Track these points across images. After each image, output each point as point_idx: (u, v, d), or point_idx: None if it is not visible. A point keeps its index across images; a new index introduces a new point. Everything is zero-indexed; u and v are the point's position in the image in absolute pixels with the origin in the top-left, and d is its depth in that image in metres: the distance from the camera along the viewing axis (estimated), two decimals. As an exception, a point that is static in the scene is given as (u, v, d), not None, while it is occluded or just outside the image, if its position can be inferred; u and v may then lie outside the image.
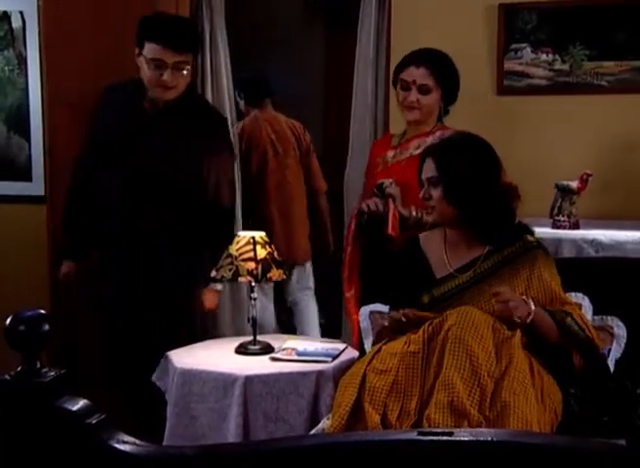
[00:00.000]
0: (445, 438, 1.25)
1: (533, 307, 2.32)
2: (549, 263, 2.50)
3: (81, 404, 1.42)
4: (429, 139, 3.15)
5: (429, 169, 2.50)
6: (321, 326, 5.81)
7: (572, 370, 2.38)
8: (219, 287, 3.33)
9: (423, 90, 3.12)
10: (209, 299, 3.34)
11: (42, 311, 1.44)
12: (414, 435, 1.28)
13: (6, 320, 2.68)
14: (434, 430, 1.22)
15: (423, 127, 3.20)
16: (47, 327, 1.42)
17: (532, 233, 2.56)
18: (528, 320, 2.30)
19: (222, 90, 4.22)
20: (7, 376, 1.41)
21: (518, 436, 1.30)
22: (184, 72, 3.00)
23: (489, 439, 1.24)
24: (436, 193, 2.47)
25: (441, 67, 3.15)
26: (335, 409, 2.24)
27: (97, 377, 3.37)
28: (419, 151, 3.13)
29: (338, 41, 5.80)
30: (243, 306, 4.26)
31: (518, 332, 2.23)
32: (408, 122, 3.24)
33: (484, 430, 1.53)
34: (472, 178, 2.45)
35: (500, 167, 2.51)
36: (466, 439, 1.25)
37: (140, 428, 1.83)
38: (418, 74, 3.12)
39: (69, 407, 1.41)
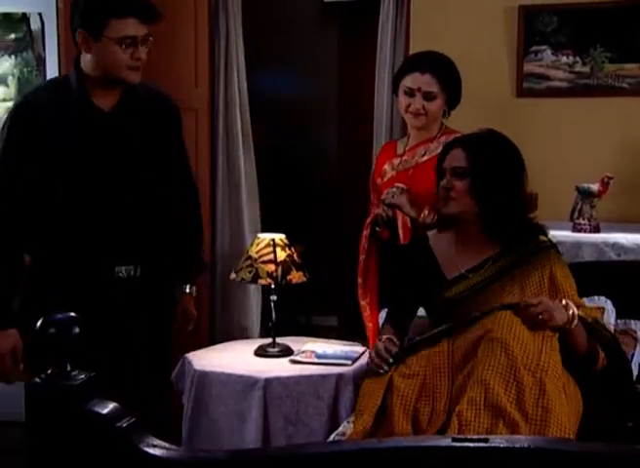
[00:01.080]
0: (480, 444, 1.23)
1: (575, 311, 2.23)
2: (562, 264, 2.44)
3: (111, 407, 1.42)
4: (434, 145, 3.12)
5: (457, 158, 2.42)
6: (336, 328, 5.84)
7: (593, 376, 2.34)
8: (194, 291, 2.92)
9: (429, 97, 3.07)
10: (191, 305, 2.90)
11: (72, 314, 1.43)
12: (448, 441, 1.27)
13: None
14: (469, 436, 1.20)
15: (428, 132, 3.16)
16: (77, 329, 1.42)
17: (545, 234, 2.50)
18: (572, 325, 2.22)
19: (234, 93, 4.24)
20: (37, 379, 1.41)
21: (554, 443, 1.29)
22: (149, 47, 2.55)
23: (525, 446, 1.22)
24: (461, 184, 2.40)
25: (446, 73, 3.10)
26: (358, 414, 2.22)
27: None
28: (425, 158, 3.11)
29: (352, 44, 5.81)
30: (247, 307, 4.29)
31: (557, 334, 2.20)
32: (413, 127, 3.19)
33: (520, 437, 1.52)
34: (500, 176, 2.40)
35: (524, 173, 2.46)
36: (502, 446, 1.23)
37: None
38: (423, 81, 3.07)
39: (99, 410, 1.40)
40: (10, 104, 4.12)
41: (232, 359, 3.20)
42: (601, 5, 3.61)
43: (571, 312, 2.22)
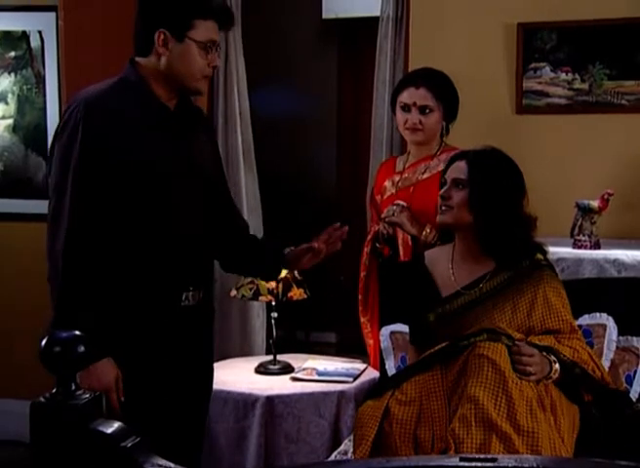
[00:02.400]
0: (488, 464, 1.22)
1: (558, 369, 2.24)
2: (556, 284, 2.43)
3: (115, 426, 1.40)
4: (434, 162, 3.13)
5: (458, 170, 2.43)
6: (334, 344, 5.83)
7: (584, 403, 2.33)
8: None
9: (425, 110, 3.08)
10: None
11: (77, 332, 1.42)
12: (456, 461, 1.26)
13: (25, 340, 2.61)
14: (477, 456, 1.19)
15: (427, 149, 3.16)
16: (82, 348, 1.41)
17: (544, 252, 2.49)
18: (549, 381, 2.23)
19: (234, 111, 4.25)
20: (42, 399, 1.39)
21: (563, 463, 1.28)
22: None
23: (533, 465, 1.21)
24: (459, 195, 2.40)
25: (440, 86, 3.12)
26: (356, 444, 2.22)
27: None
28: (426, 175, 3.12)
29: (351, 61, 5.84)
30: (246, 324, 4.29)
31: None
32: (412, 143, 3.20)
33: (529, 456, 1.51)
34: (499, 192, 2.40)
35: (524, 194, 2.46)
36: (510, 465, 1.22)
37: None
38: (418, 95, 3.09)
39: (104, 429, 1.39)
40: (10, 122, 4.15)
41: (233, 376, 3.19)
42: (600, 22, 3.61)
43: (553, 371, 2.23)
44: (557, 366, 2.23)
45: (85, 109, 2.26)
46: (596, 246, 3.34)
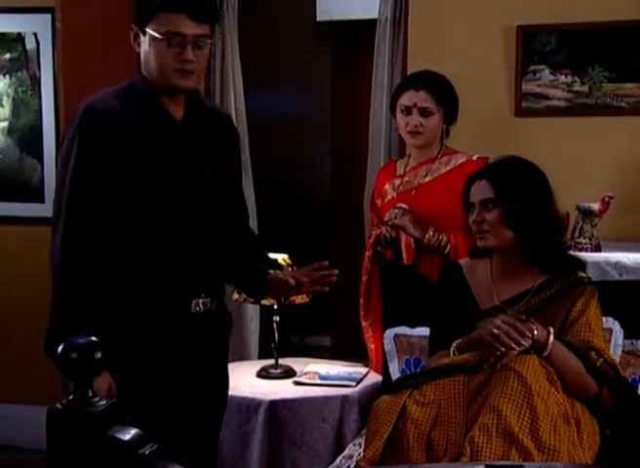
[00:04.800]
0: (516, 470, 1.21)
1: (552, 338, 2.19)
2: (596, 303, 2.38)
3: (133, 433, 1.38)
4: (435, 165, 3.12)
5: (483, 190, 2.38)
6: (329, 348, 5.81)
7: (602, 409, 2.28)
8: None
9: (425, 113, 3.07)
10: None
11: (94, 338, 1.40)
12: None
13: (21, 344, 2.53)
14: (503, 463, 1.18)
15: (428, 152, 3.14)
16: (99, 354, 1.38)
17: (584, 269, 2.48)
18: (546, 349, 2.17)
19: (230, 112, 4.23)
20: (59, 405, 1.37)
21: None
22: (205, 51, 2.23)
23: (562, 471, 1.20)
24: (492, 216, 2.35)
25: (440, 89, 3.10)
26: (369, 439, 2.19)
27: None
28: (427, 179, 3.10)
29: (345, 63, 5.83)
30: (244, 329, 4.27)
31: None
32: (413, 147, 3.18)
33: (557, 463, 1.50)
34: (530, 201, 2.36)
35: (552, 195, 2.43)
36: (538, 471, 1.21)
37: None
38: (418, 97, 3.07)
39: (122, 436, 1.37)
40: (4, 124, 4.11)
41: (234, 381, 3.12)
42: (599, 25, 3.63)
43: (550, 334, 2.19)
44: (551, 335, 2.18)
45: (82, 115, 2.24)
46: (597, 248, 3.34)
